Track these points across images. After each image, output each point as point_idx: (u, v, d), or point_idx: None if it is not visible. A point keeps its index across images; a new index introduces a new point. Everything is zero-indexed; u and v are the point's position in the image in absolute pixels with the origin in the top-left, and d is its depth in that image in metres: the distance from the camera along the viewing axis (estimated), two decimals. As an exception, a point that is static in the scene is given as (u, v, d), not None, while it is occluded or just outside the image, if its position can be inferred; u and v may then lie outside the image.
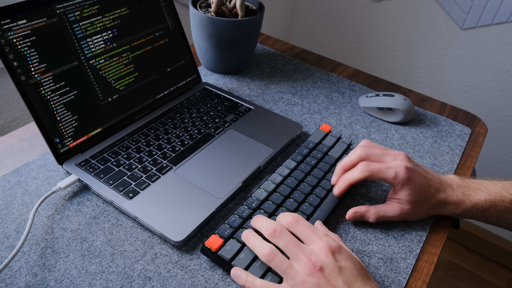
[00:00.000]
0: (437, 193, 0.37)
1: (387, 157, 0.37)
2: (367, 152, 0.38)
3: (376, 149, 0.38)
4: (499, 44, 0.89)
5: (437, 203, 0.37)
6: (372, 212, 0.37)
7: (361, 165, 0.37)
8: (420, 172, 0.37)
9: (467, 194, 0.37)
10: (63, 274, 0.32)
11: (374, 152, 0.38)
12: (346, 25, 1.08)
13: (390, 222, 0.39)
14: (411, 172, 0.36)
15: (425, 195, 0.37)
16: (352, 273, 0.29)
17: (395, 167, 0.36)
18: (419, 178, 0.36)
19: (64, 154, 0.40)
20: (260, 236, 0.32)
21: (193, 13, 0.54)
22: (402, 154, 0.37)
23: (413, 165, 0.37)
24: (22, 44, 0.37)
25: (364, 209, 0.37)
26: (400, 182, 0.36)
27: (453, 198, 0.37)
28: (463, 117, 0.57)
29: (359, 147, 0.38)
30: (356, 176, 0.37)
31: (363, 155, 0.38)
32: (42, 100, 0.39)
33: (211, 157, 0.43)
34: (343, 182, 0.38)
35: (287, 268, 0.29)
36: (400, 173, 0.36)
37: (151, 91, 0.48)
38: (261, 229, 0.32)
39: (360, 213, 0.37)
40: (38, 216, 0.37)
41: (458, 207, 0.37)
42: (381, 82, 0.63)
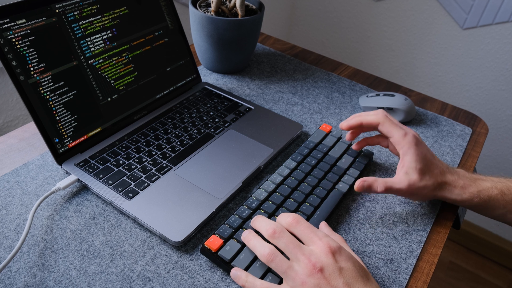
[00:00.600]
0: (443, 174, 0.38)
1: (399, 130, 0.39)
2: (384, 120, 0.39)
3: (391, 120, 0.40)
4: (500, 43, 0.89)
5: (444, 183, 0.38)
6: (380, 182, 0.37)
7: (379, 111, 0.39)
8: (428, 148, 0.39)
9: (474, 181, 0.38)
10: (62, 274, 0.32)
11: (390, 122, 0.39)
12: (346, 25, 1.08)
13: (390, 221, 0.39)
14: (419, 141, 0.38)
15: (431, 169, 0.37)
16: (353, 274, 0.29)
17: (406, 130, 0.38)
18: (426, 151, 0.38)
19: (63, 154, 0.40)
20: (260, 237, 0.32)
21: (193, 13, 0.54)
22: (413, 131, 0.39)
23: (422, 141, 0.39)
24: (21, 44, 0.37)
25: (372, 179, 0.38)
26: (406, 143, 0.37)
27: (460, 182, 0.38)
28: (464, 117, 0.56)
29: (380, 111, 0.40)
30: (369, 119, 0.39)
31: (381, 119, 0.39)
32: (41, 100, 0.38)
33: (211, 157, 0.43)
34: (354, 117, 0.40)
35: (287, 269, 0.29)
36: (409, 136, 0.38)
37: (150, 91, 0.48)
38: (261, 229, 0.32)
39: (368, 183, 0.37)
40: (37, 216, 0.37)
41: (465, 191, 0.38)
42: (381, 81, 0.62)
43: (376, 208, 0.41)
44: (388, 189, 0.37)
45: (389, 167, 0.46)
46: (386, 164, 0.47)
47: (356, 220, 0.39)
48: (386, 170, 0.46)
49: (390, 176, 0.45)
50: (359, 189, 0.38)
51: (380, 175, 0.45)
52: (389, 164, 0.47)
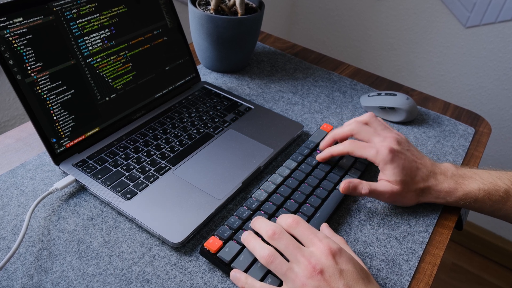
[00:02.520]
0: (426, 179, 0.37)
1: (376, 138, 0.39)
2: (359, 129, 0.39)
3: (370, 128, 0.39)
4: (503, 42, 0.88)
5: (426, 188, 0.37)
6: (364, 184, 0.38)
7: (347, 142, 0.39)
8: (408, 155, 0.37)
9: (460, 183, 0.37)
10: (60, 276, 0.32)
11: (366, 130, 0.39)
12: (347, 23, 1.07)
13: (392, 222, 0.39)
14: (395, 153, 0.37)
15: (412, 178, 0.37)
16: (353, 276, 0.28)
17: (378, 147, 0.37)
18: (404, 161, 0.37)
19: (61, 154, 0.40)
20: (259, 238, 0.32)
21: (192, 11, 0.54)
22: (392, 137, 0.38)
23: (401, 148, 0.38)
24: (18, 43, 0.37)
25: (357, 181, 0.38)
26: (381, 161, 0.37)
27: (444, 185, 0.37)
28: (466, 116, 0.56)
29: (354, 122, 0.40)
30: (339, 150, 0.40)
31: (354, 130, 0.40)
32: (38, 99, 0.38)
33: (211, 158, 0.42)
34: (327, 152, 0.41)
35: (287, 271, 0.29)
36: (382, 153, 0.37)
37: (149, 90, 0.48)
38: (261, 231, 0.32)
39: (354, 184, 0.37)
40: (35, 217, 0.36)
41: (451, 195, 0.37)
42: (383, 81, 0.62)
43: (378, 209, 0.40)
44: (372, 191, 0.37)
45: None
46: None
47: (357, 221, 0.39)
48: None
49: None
50: (344, 191, 0.38)
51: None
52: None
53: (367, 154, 0.38)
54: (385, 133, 0.39)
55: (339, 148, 0.40)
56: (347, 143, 0.39)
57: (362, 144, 0.38)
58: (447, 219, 0.40)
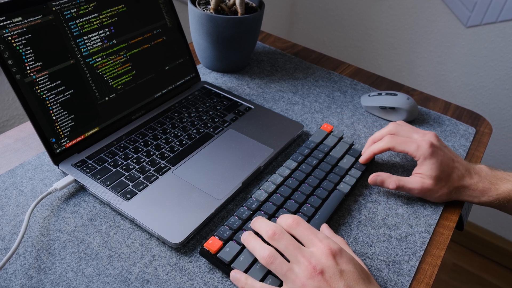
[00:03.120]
0: (462, 177, 0.38)
1: (415, 134, 0.40)
2: (397, 129, 0.41)
3: (407, 127, 0.41)
4: (504, 42, 0.88)
5: (461, 187, 0.38)
6: (393, 179, 0.38)
7: (387, 137, 0.40)
8: (446, 152, 0.39)
9: (494, 183, 0.39)
10: (59, 276, 0.32)
11: (404, 129, 0.41)
12: (347, 23, 1.07)
13: (392, 223, 0.39)
14: (435, 148, 0.38)
15: (448, 175, 0.38)
16: (354, 276, 0.28)
17: (419, 142, 0.38)
18: (443, 157, 0.38)
19: (60, 154, 0.40)
20: (259, 239, 0.32)
21: (192, 11, 0.54)
22: (431, 133, 0.40)
23: (440, 145, 0.39)
24: (18, 42, 0.36)
25: (386, 175, 0.39)
26: (421, 155, 0.38)
27: (479, 185, 0.38)
28: (467, 116, 0.56)
29: (390, 124, 0.42)
30: (380, 147, 0.40)
31: (392, 130, 0.41)
32: (37, 99, 0.38)
33: (210, 158, 0.42)
34: (368, 151, 0.42)
35: (287, 271, 0.29)
36: (423, 147, 0.38)
37: (149, 90, 0.48)
38: (261, 231, 0.32)
39: (382, 178, 0.39)
40: (34, 217, 0.36)
41: (484, 194, 0.38)
42: (383, 80, 0.62)
43: (378, 209, 0.40)
44: (400, 187, 0.39)
45: (391, 167, 0.46)
46: (389, 164, 0.46)
47: (358, 222, 0.39)
48: (388, 170, 0.45)
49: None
50: (372, 182, 0.39)
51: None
52: (391, 164, 0.46)
53: (408, 149, 0.38)
54: (422, 131, 0.40)
55: (380, 145, 0.40)
56: (387, 138, 0.40)
57: (402, 139, 0.39)
58: (448, 220, 0.40)
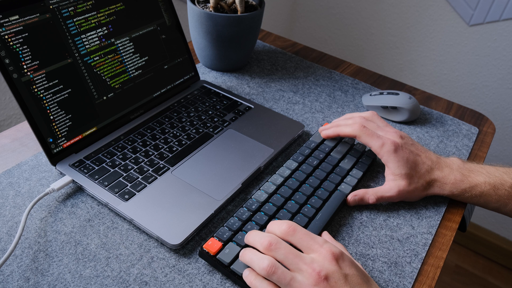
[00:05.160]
0: (431, 171, 0.38)
1: (380, 131, 0.39)
2: (363, 123, 0.40)
3: (374, 123, 0.40)
4: (507, 40, 0.87)
5: (432, 181, 0.38)
6: (370, 193, 0.38)
7: (356, 124, 0.40)
8: (412, 149, 0.38)
9: (466, 175, 0.38)
10: (57, 278, 0.31)
11: (370, 124, 0.40)
12: (349, 21, 1.06)
13: (394, 224, 0.38)
14: (398, 147, 0.38)
15: (416, 170, 0.37)
16: (358, 280, 0.28)
17: (384, 138, 0.38)
18: (409, 154, 0.38)
19: (58, 155, 0.40)
20: (255, 250, 0.30)
21: (191, 9, 0.53)
22: (395, 132, 0.39)
23: (404, 142, 0.38)
24: (14, 41, 0.36)
25: (363, 191, 0.38)
26: (385, 153, 0.38)
27: (450, 177, 0.38)
28: (470, 116, 0.55)
29: (358, 117, 0.41)
30: (346, 131, 0.40)
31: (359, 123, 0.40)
32: (34, 99, 0.38)
33: (210, 158, 0.42)
34: (333, 129, 0.42)
35: (290, 281, 0.28)
36: (386, 145, 0.38)
37: (147, 89, 0.47)
38: (255, 244, 0.30)
39: (359, 196, 0.38)
40: (31, 218, 0.36)
41: (456, 187, 0.37)
42: (385, 80, 0.61)
43: (380, 210, 0.40)
44: (379, 198, 0.38)
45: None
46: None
47: (359, 223, 0.38)
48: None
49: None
50: (352, 203, 0.38)
51: (383, 176, 0.44)
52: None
53: (373, 144, 0.38)
54: (388, 129, 0.40)
55: (347, 130, 0.40)
56: (357, 126, 0.39)
57: (370, 132, 0.39)
58: (450, 221, 0.40)
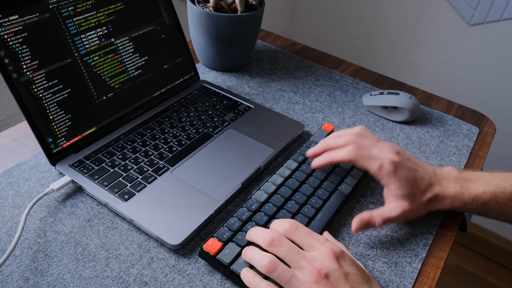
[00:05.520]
0: (431, 186, 0.36)
1: (374, 149, 0.36)
2: (356, 141, 0.37)
3: (366, 139, 0.37)
4: (508, 40, 0.87)
5: (433, 197, 0.36)
6: (375, 216, 0.35)
7: (349, 147, 0.37)
8: (410, 165, 0.36)
9: (465, 186, 0.36)
10: (56, 278, 0.31)
11: (363, 142, 0.37)
12: (349, 21, 1.06)
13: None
14: (397, 166, 0.35)
15: (417, 188, 0.35)
16: (358, 279, 0.28)
17: (381, 158, 0.35)
18: (407, 172, 0.35)
19: (57, 155, 0.39)
20: (257, 248, 0.31)
21: (191, 8, 0.53)
22: (390, 148, 0.36)
23: (401, 159, 0.36)
24: (14, 41, 0.36)
25: (368, 215, 0.35)
26: (385, 175, 0.35)
27: (450, 190, 0.36)
28: (470, 116, 0.55)
29: (349, 134, 0.38)
30: (341, 156, 0.37)
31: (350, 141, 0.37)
32: (34, 99, 0.37)
33: (210, 158, 0.42)
34: (326, 157, 0.38)
35: (290, 278, 0.28)
36: (385, 166, 0.35)
37: (147, 89, 0.47)
38: (258, 240, 0.31)
39: (365, 221, 0.35)
40: (30, 218, 0.36)
41: (457, 200, 0.36)
42: (385, 79, 0.61)
43: (380, 211, 0.39)
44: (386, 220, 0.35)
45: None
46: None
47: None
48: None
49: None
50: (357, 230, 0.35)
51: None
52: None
53: (371, 166, 0.35)
54: (382, 144, 0.37)
55: (341, 154, 0.37)
56: (351, 149, 0.36)
57: (366, 154, 0.36)
58: (451, 221, 0.40)
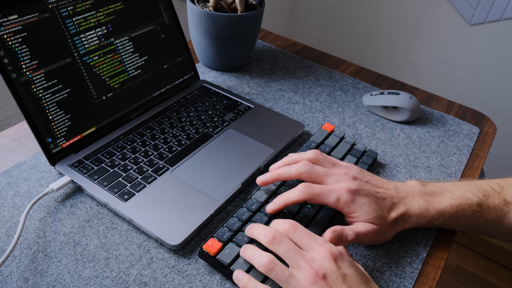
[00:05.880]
0: (395, 207, 0.34)
1: (329, 178, 0.34)
2: (309, 170, 0.34)
3: (320, 167, 0.35)
4: (508, 40, 0.87)
5: (399, 217, 0.34)
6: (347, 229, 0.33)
7: (300, 186, 0.33)
8: (369, 189, 0.34)
9: (430, 202, 0.34)
10: (56, 279, 0.31)
11: (317, 171, 0.34)
12: (349, 21, 1.06)
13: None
14: (354, 193, 0.33)
15: (381, 210, 0.33)
16: (356, 280, 0.28)
17: (337, 190, 0.33)
18: (366, 197, 0.33)
19: (57, 155, 0.39)
20: (256, 246, 0.31)
21: (191, 8, 0.53)
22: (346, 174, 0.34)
23: (359, 184, 0.33)
24: (13, 40, 0.36)
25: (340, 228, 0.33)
26: (344, 205, 0.33)
27: (415, 208, 0.34)
28: (471, 116, 0.55)
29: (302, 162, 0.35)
30: (293, 198, 0.33)
31: (304, 172, 0.34)
32: (33, 98, 0.37)
33: (210, 158, 0.42)
34: (279, 201, 0.34)
35: (288, 278, 0.28)
36: (342, 197, 0.33)
37: (147, 89, 0.47)
38: (259, 237, 0.31)
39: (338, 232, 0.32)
40: (30, 219, 0.36)
41: (423, 217, 0.34)
42: (386, 79, 0.61)
43: (380, 211, 0.39)
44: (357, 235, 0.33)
45: (393, 167, 0.45)
46: (391, 165, 0.45)
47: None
48: (390, 170, 0.44)
49: (396, 177, 0.44)
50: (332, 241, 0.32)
51: (384, 176, 0.44)
52: (393, 164, 0.45)
53: (328, 200, 0.33)
54: (337, 171, 0.34)
55: (294, 195, 0.33)
56: (302, 188, 0.33)
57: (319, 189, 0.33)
58: (452, 221, 0.39)
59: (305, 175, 0.34)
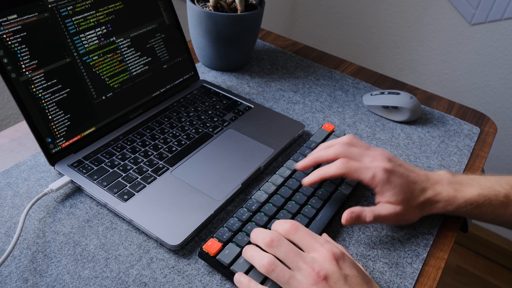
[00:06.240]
0: (424, 191, 0.35)
1: (365, 158, 0.36)
2: (346, 151, 0.36)
3: (356, 148, 0.37)
4: (509, 39, 0.86)
5: (426, 201, 0.35)
6: (367, 211, 0.35)
7: (339, 161, 0.36)
8: (402, 172, 0.35)
9: (458, 190, 0.36)
10: (55, 279, 0.31)
11: (353, 151, 0.36)
12: (349, 21, 1.06)
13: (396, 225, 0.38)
14: (390, 173, 0.35)
15: (411, 193, 0.35)
16: (358, 281, 0.28)
17: (373, 167, 0.35)
18: (400, 178, 0.35)
19: (56, 155, 0.39)
20: (257, 247, 0.31)
21: (191, 8, 0.53)
22: (381, 155, 0.36)
23: (393, 165, 0.35)
24: (13, 40, 0.36)
25: (359, 209, 0.35)
26: (378, 183, 0.34)
27: (443, 194, 0.35)
28: (471, 116, 0.55)
29: (338, 144, 0.37)
30: (331, 172, 0.36)
31: (341, 152, 0.36)
32: (33, 98, 0.37)
33: (209, 158, 0.42)
34: (317, 174, 0.36)
35: (289, 279, 0.28)
36: (378, 175, 0.34)
37: (146, 89, 0.47)
38: (258, 240, 0.31)
39: (356, 213, 0.34)
40: (29, 219, 0.36)
41: (451, 204, 0.35)
42: (386, 79, 0.61)
43: (381, 211, 0.39)
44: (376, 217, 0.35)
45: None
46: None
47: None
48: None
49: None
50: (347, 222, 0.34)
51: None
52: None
53: (363, 177, 0.35)
54: (373, 152, 0.36)
55: (332, 169, 0.35)
56: (340, 163, 0.35)
57: (356, 165, 0.35)
58: (452, 221, 0.39)
59: (342, 155, 0.36)
